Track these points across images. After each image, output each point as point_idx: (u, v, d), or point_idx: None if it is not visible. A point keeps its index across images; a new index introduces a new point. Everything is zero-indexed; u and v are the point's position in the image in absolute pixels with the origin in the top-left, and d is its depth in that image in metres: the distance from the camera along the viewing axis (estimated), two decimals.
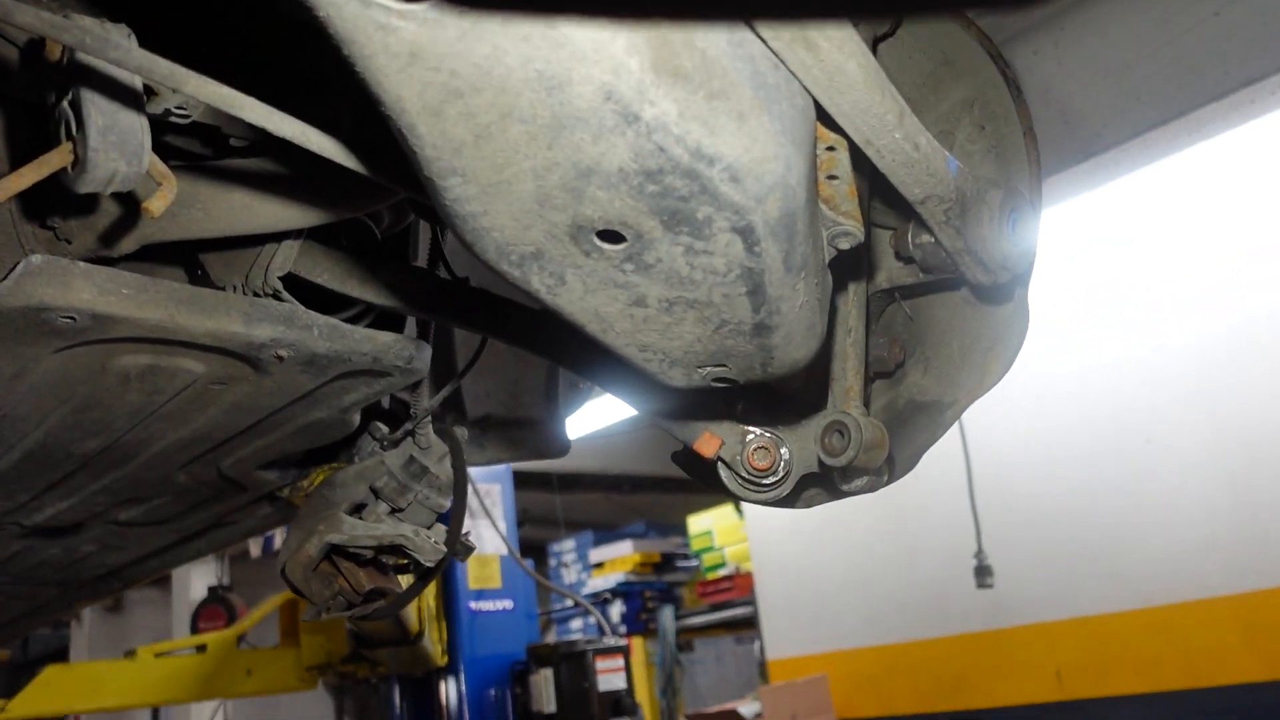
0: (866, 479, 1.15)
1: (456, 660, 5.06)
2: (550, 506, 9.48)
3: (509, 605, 5.36)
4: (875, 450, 1.04)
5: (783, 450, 1.12)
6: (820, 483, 1.20)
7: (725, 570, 8.11)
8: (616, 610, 8.54)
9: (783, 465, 1.12)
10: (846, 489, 1.16)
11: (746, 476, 1.13)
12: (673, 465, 1.30)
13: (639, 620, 8.49)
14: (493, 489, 5.43)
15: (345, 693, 11.34)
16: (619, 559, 8.83)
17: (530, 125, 0.73)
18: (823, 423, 1.08)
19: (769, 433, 1.13)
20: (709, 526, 8.38)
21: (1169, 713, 4.62)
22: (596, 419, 6.93)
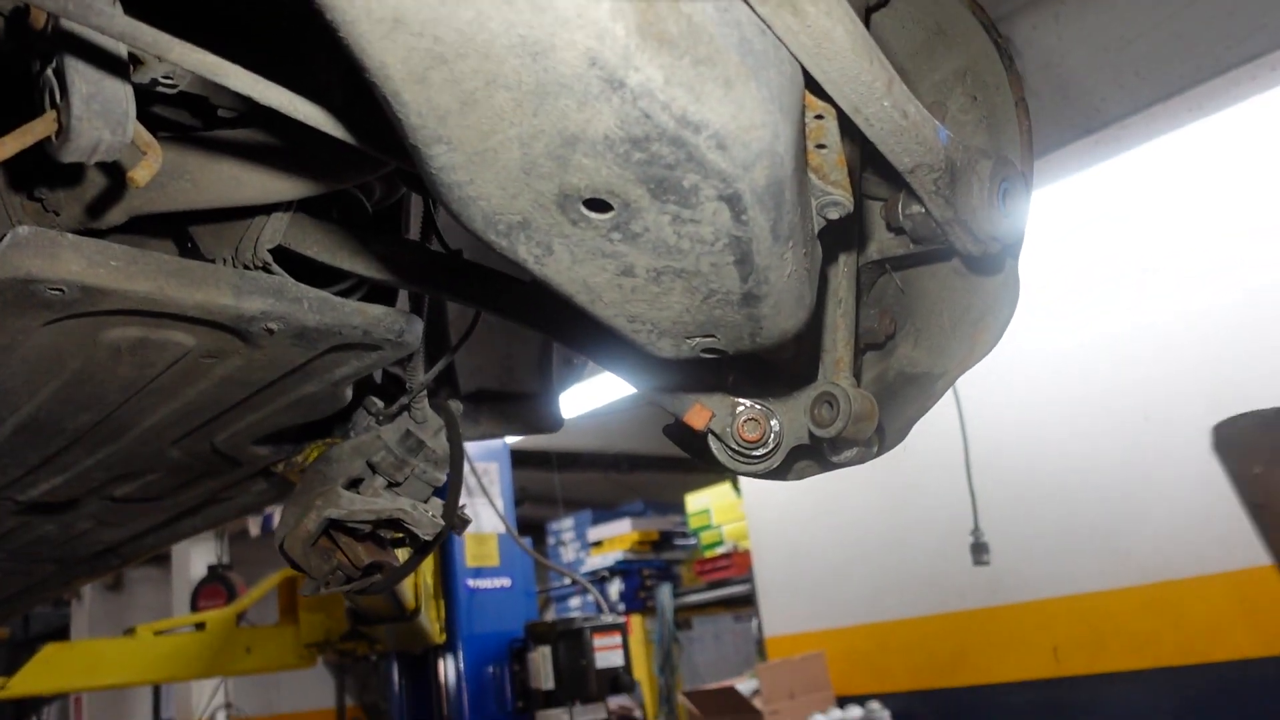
0: (856, 450, 1.14)
1: (455, 638, 5.09)
2: (549, 485, 9.50)
3: (507, 583, 5.38)
4: (864, 422, 1.04)
5: (773, 422, 1.12)
6: (811, 455, 1.20)
7: (723, 548, 8.11)
8: (615, 588, 8.56)
9: (773, 437, 1.12)
10: (836, 460, 1.16)
11: (736, 448, 1.13)
12: (671, 444, 1.30)
13: (637, 598, 8.51)
14: (490, 467, 5.43)
15: (346, 670, 11.41)
16: (617, 537, 8.85)
17: (515, 92, 0.73)
18: (812, 394, 1.08)
19: (759, 405, 1.13)
20: (707, 505, 8.38)
21: (1165, 689, 4.64)
22: (595, 398, 6.94)
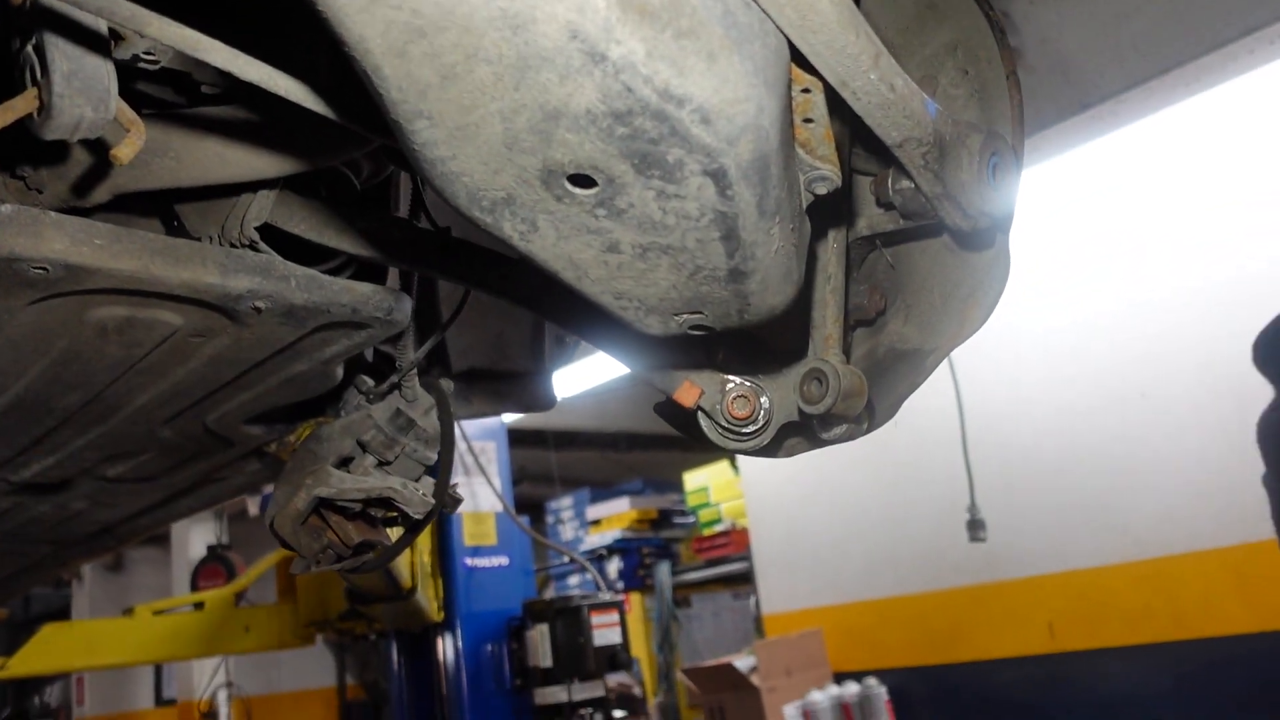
0: (846, 427, 1.14)
1: (453, 616, 5.11)
2: (548, 464, 9.52)
3: (504, 562, 5.39)
4: (854, 398, 1.04)
5: (762, 399, 1.11)
6: (801, 431, 1.20)
7: (721, 526, 8.12)
8: (614, 567, 8.58)
9: (763, 414, 1.12)
10: (826, 437, 1.16)
11: (726, 425, 1.13)
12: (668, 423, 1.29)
13: (636, 576, 8.53)
14: (488, 446, 5.44)
15: (346, 650, 11.49)
16: (616, 516, 8.86)
17: (496, 66, 0.72)
18: (802, 371, 1.08)
19: (749, 381, 1.12)
20: (705, 483, 8.39)
21: (1160, 664, 4.66)
22: (592, 377, 6.93)
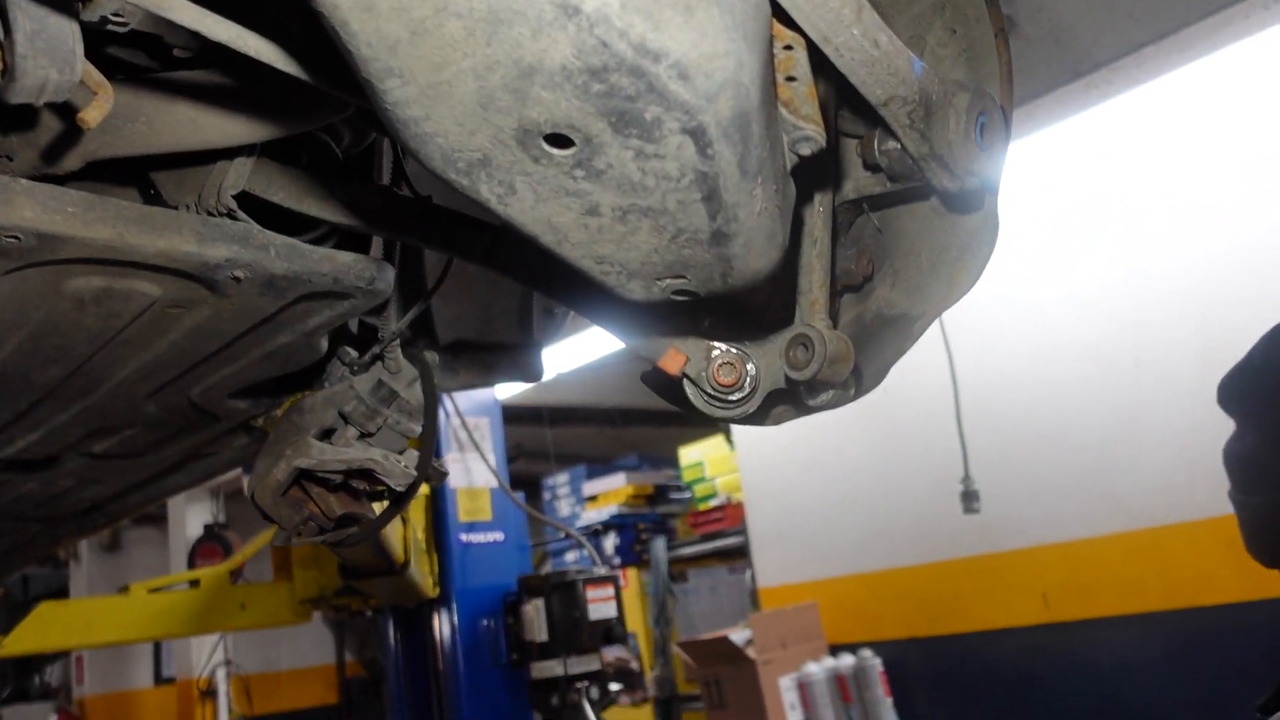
0: (833, 393, 1.13)
1: (448, 591, 5.11)
2: (543, 440, 9.51)
3: (500, 537, 5.38)
4: (840, 364, 1.02)
5: (749, 366, 1.10)
6: (788, 399, 1.18)
7: (717, 501, 8.12)
8: (610, 542, 8.60)
9: (749, 381, 1.10)
10: (813, 404, 1.15)
11: (712, 393, 1.11)
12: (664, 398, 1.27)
13: (633, 552, 8.55)
14: (482, 422, 5.43)
15: (344, 627, 11.54)
16: (612, 491, 8.87)
17: (467, 20, 0.70)
18: (788, 336, 1.06)
19: (735, 348, 1.11)
20: (700, 458, 8.39)
21: (1153, 634, 4.68)
22: (587, 353, 6.91)
